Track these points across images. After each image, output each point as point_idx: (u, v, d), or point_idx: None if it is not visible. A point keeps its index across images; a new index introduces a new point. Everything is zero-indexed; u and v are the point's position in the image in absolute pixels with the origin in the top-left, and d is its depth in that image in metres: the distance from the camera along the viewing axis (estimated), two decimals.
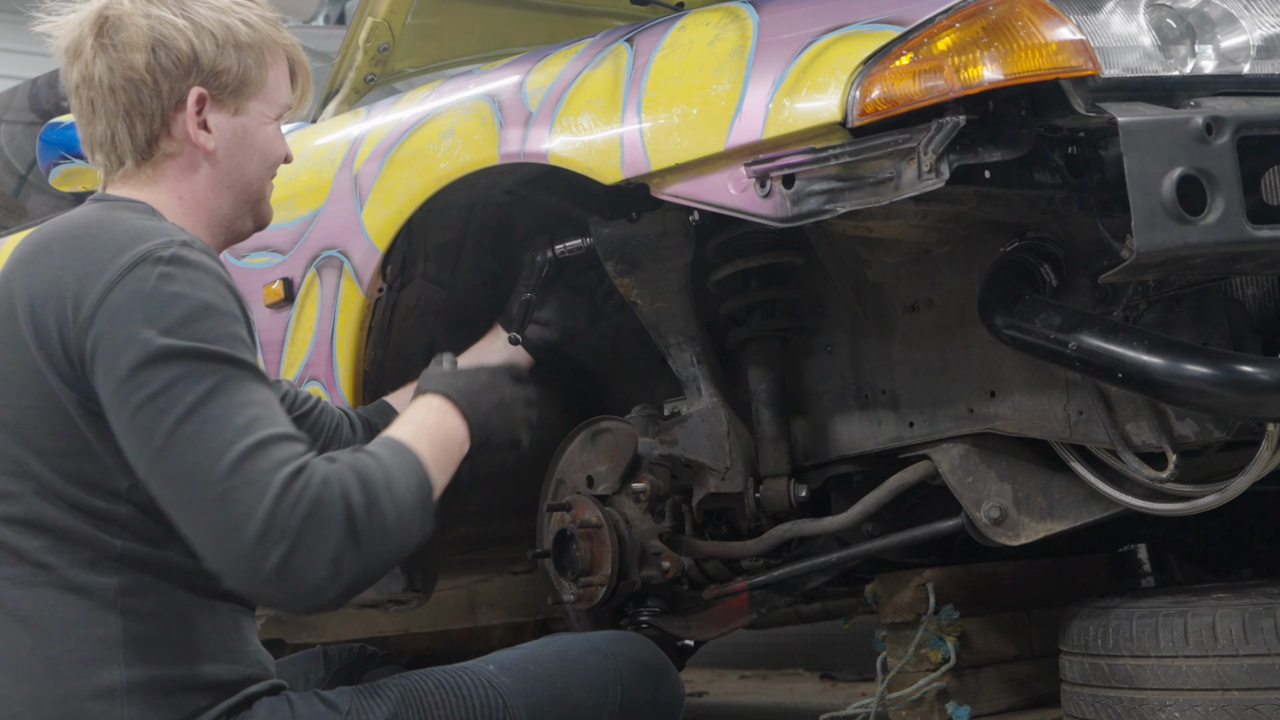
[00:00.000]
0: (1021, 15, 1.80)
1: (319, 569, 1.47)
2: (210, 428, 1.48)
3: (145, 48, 1.70)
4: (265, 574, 1.45)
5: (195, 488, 1.47)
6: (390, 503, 1.54)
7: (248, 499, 1.45)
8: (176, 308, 1.52)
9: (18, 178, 3.99)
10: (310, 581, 1.47)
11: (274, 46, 1.80)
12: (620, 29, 2.28)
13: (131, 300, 1.52)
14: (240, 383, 1.51)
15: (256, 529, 1.45)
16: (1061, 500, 2.16)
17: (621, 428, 2.40)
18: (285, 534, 1.45)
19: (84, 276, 1.55)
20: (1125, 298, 1.99)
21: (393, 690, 1.71)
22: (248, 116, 1.77)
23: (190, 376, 1.49)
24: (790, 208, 1.90)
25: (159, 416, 1.48)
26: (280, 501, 1.46)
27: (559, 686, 1.77)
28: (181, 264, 1.55)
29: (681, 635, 2.43)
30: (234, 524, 1.45)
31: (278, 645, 3.49)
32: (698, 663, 4.63)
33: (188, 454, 1.47)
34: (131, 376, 1.49)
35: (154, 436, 1.48)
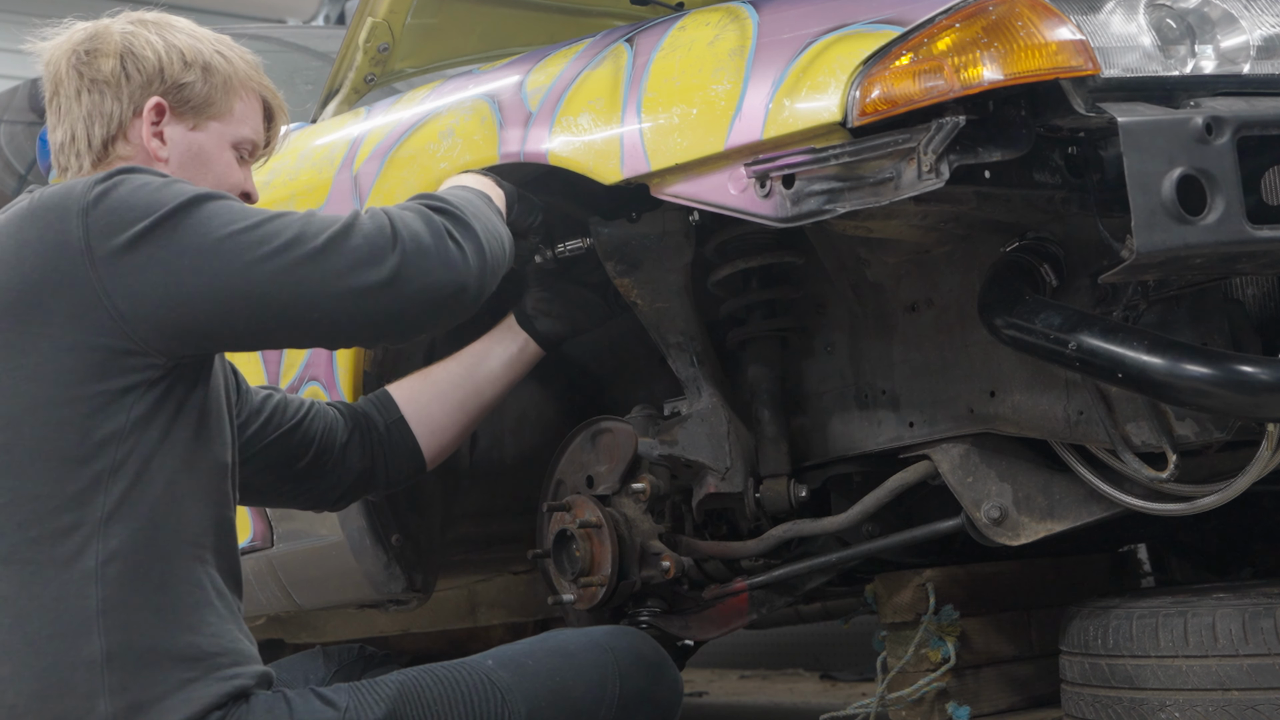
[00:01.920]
0: (1021, 15, 1.80)
1: (440, 248, 1.69)
2: (266, 228, 1.64)
3: (114, 55, 1.79)
4: (404, 279, 1.66)
5: (300, 276, 1.63)
6: (463, 200, 1.80)
7: (339, 242, 1.65)
8: (147, 190, 1.64)
9: (18, 178, 3.99)
10: (448, 259, 1.69)
11: (247, 83, 1.88)
12: (620, 29, 2.29)
13: (109, 212, 1.62)
14: (229, 201, 1.68)
15: (364, 251, 1.65)
16: (1061, 500, 2.16)
17: (621, 428, 2.40)
18: (388, 240, 1.67)
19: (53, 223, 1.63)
20: (1125, 298, 1.99)
21: (391, 686, 1.71)
22: (205, 134, 1.83)
23: (211, 216, 1.64)
24: (790, 208, 1.90)
25: (224, 256, 1.63)
26: (362, 225, 1.67)
27: (558, 681, 1.78)
28: (125, 173, 1.67)
29: (681, 635, 2.43)
30: (346, 269, 1.65)
31: (278, 645, 3.49)
32: (698, 663, 4.64)
33: (274, 260, 1.63)
34: (168, 252, 1.61)
35: (232, 267, 1.62)
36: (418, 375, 2.30)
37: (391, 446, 2.18)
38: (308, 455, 2.08)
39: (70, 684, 1.56)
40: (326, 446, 2.11)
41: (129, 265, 1.61)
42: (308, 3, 6.00)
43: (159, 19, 1.86)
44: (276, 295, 1.63)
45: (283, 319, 1.67)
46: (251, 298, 1.63)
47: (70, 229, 1.62)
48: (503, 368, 2.34)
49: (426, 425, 2.20)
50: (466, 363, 2.32)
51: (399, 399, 2.23)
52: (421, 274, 1.66)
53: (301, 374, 2.53)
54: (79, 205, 1.63)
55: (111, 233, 1.61)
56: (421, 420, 2.20)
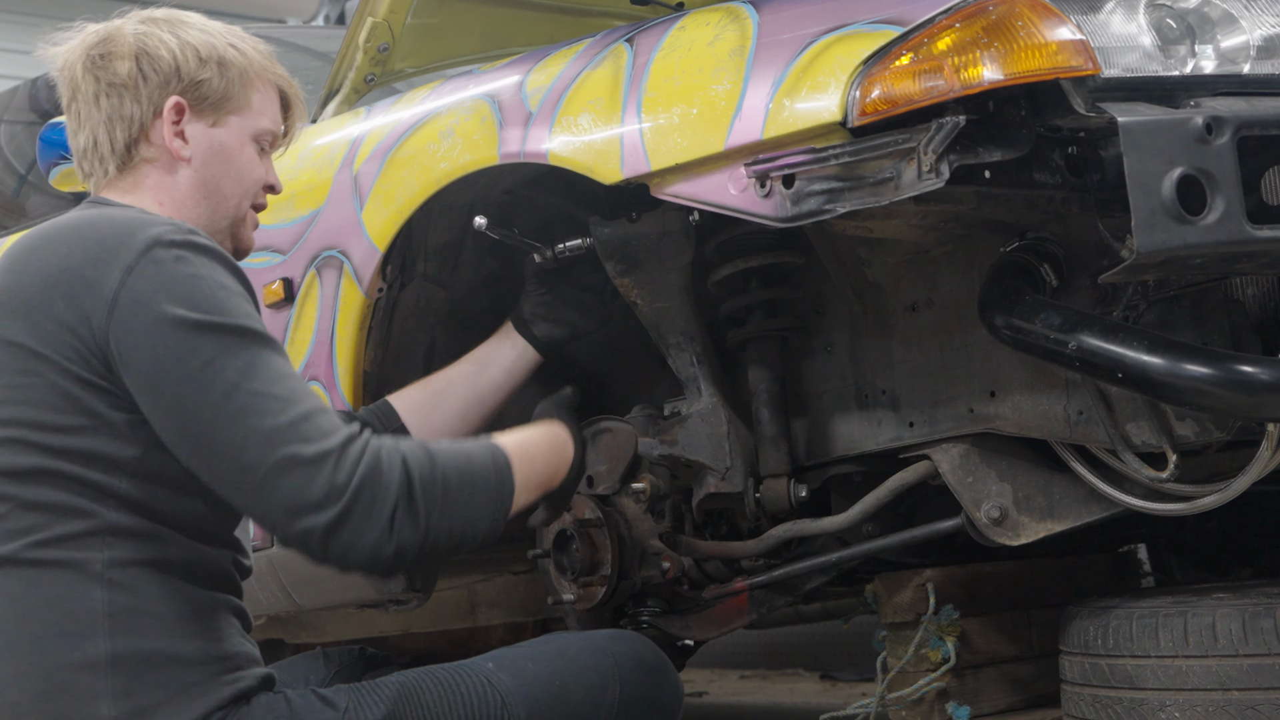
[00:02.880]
0: (1021, 15, 1.80)
1: (376, 526, 1.55)
2: (257, 402, 1.55)
3: (130, 56, 1.78)
4: (323, 531, 1.54)
5: (249, 460, 1.54)
6: (458, 481, 1.62)
7: (304, 467, 1.53)
8: (198, 287, 1.59)
9: (18, 178, 3.99)
10: (369, 537, 1.55)
11: (263, 74, 1.86)
12: (620, 29, 2.28)
13: (153, 283, 1.58)
14: (270, 356, 1.59)
15: (318, 492, 1.53)
16: (1061, 500, 2.16)
17: (621, 428, 2.40)
18: (342, 494, 1.53)
19: (96, 262, 1.59)
20: (1125, 298, 1.99)
21: (390, 688, 1.71)
22: (226, 130, 1.82)
23: (227, 352, 1.56)
24: (790, 208, 1.90)
25: (202, 393, 1.55)
26: (338, 466, 1.54)
27: (558, 684, 1.78)
28: (193, 248, 1.62)
29: (681, 635, 2.43)
30: (293, 490, 1.53)
31: (278, 645, 3.49)
32: (698, 663, 4.64)
33: (238, 429, 1.54)
34: (167, 356, 1.55)
35: (200, 413, 1.55)
36: (418, 385, 2.29)
37: None
38: None
39: (73, 685, 1.55)
40: None
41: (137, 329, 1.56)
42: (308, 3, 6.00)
43: (170, 16, 1.85)
44: (212, 460, 1.56)
45: (203, 470, 1.58)
46: (193, 442, 1.56)
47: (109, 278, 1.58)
48: (503, 375, 2.34)
49: (428, 435, 2.18)
50: (467, 371, 2.32)
51: (400, 409, 2.22)
52: (336, 536, 1.54)
53: (301, 373, 2.53)
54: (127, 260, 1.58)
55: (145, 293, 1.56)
56: (423, 430, 2.20)
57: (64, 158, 2.98)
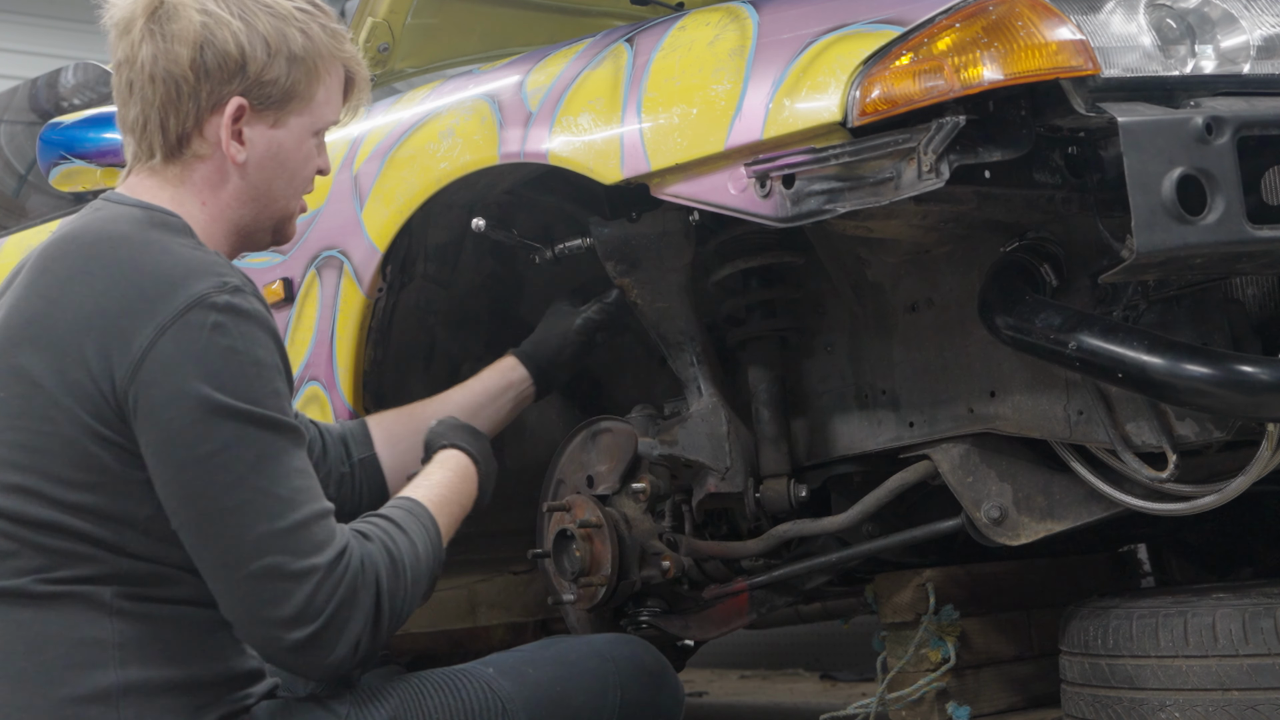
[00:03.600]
0: (1021, 15, 1.80)
1: (341, 649, 1.55)
2: (258, 500, 1.51)
3: (194, 44, 1.64)
4: (287, 647, 1.53)
5: (235, 557, 1.52)
6: (411, 584, 1.63)
7: (286, 581, 1.51)
8: (230, 365, 1.52)
9: (18, 178, 3.99)
10: (330, 659, 1.55)
11: (330, 60, 1.74)
12: (620, 29, 2.29)
13: (184, 351, 1.51)
14: (285, 450, 1.54)
15: (292, 610, 1.52)
16: (1061, 500, 2.16)
17: (621, 428, 2.40)
18: (316, 618, 1.52)
19: (132, 312, 1.52)
20: (1125, 298, 1.99)
21: (391, 694, 1.70)
22: (286, 131, 1.71)
23: (241, 442, 1.51)
24: (790, 208, 1.90)
25: (206, 479, 1.51)
26: (319, 589, 1.52)
27: (559, 690, 1.77)
28: (234, 314, 1.54)
29: (681, 635, 2.43)
30: (269, 600, 1.51)
31: None
32: (698, 663, 4.63)
33: (231, 523, 1.51)
34: (181, 432, 1.50)
35: (199, 499, 1.51)
36: (404, 412, 2.15)
37: (357, 483, 2.05)
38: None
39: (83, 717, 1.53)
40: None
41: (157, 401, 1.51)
42: None
43: None
44: (204, 552, 1.54)
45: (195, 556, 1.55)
46: (195, 532, 1.54)
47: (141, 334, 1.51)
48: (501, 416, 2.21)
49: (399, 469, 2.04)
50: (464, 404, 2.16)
51: (376, 436, 2.09)
52: (314, 650, 1.55)
53: (301, 374, 2.53)
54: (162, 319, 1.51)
55: (175, 363, 1.50)
56: (394, 462, 2.06)
57: (64, 157, 2.98)
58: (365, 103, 1.85)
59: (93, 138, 3.05)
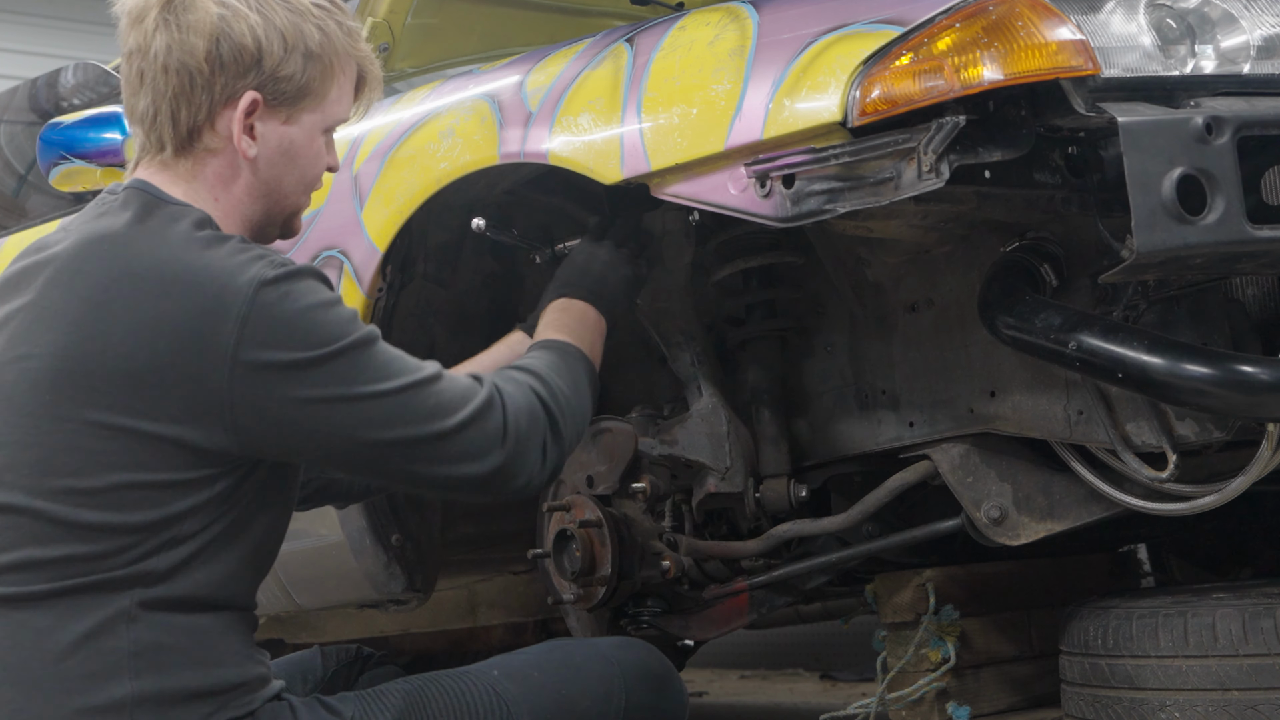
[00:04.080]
0: (1021, 15, 1.80)
1: (532, 462, 1.68)
2: (396, 402, 1.60)
3: (209, 35, 1.63)
4: (491, 478, 1.65)
5: (413, 453, 1.62)
6: (573, 392, 1.78)
7: (460, 433, 1.62)
8: (309, 321, 1.57)
9: (18, 178, 3.99)
10: (526, 472, 1.68)
11: (345, 58, 1.73)
12: (620, 29, 2.29)
13: (268, 329, 1.54)
14: (379, 349, 1.62)
15: (481, 448, 1.64)
16: (1061, 500, 2.16)
17: (621, 428, 2.40)
18: (500, 442, 1.65)
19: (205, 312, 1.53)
20: (1125, 298, 1.99)
21: (396, 696, 1.70)
22: (298, 128, 1.71)
23: (352, 373, 1.58)
24: (790, 208, 1.90)
25: (347, 420, 1.58)
26: (488, 419, 1.64)
27: (564, 693, 1.77)
28: (290, 278, 1.58)
29: (681, 635, 2.43)
30: (458, 455, 1.63)
31: (278, 645, 3.49)
32: (698, 663, 4.63)
33: (394, 435, 1.60)
34: (302, 398, 1.56)
35: (351, 437, 1.59)
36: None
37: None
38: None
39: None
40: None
41: (268, 385, 1.55)
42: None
43: None
44: (383, 463, 1.64)
45: (375, 475, 1.71)
46: (359, 458, 1.63)
47: (223, 331, 1.53)
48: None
49: None
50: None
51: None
52: (510, 476, 1.67)
53: None
54: (238, 309, 1.53)
55: (265, 347, 1.54)
56: None
57: (64, 157, 2.98)
58: (376, 101, 1.85)
59: (93, 138, 3.05)
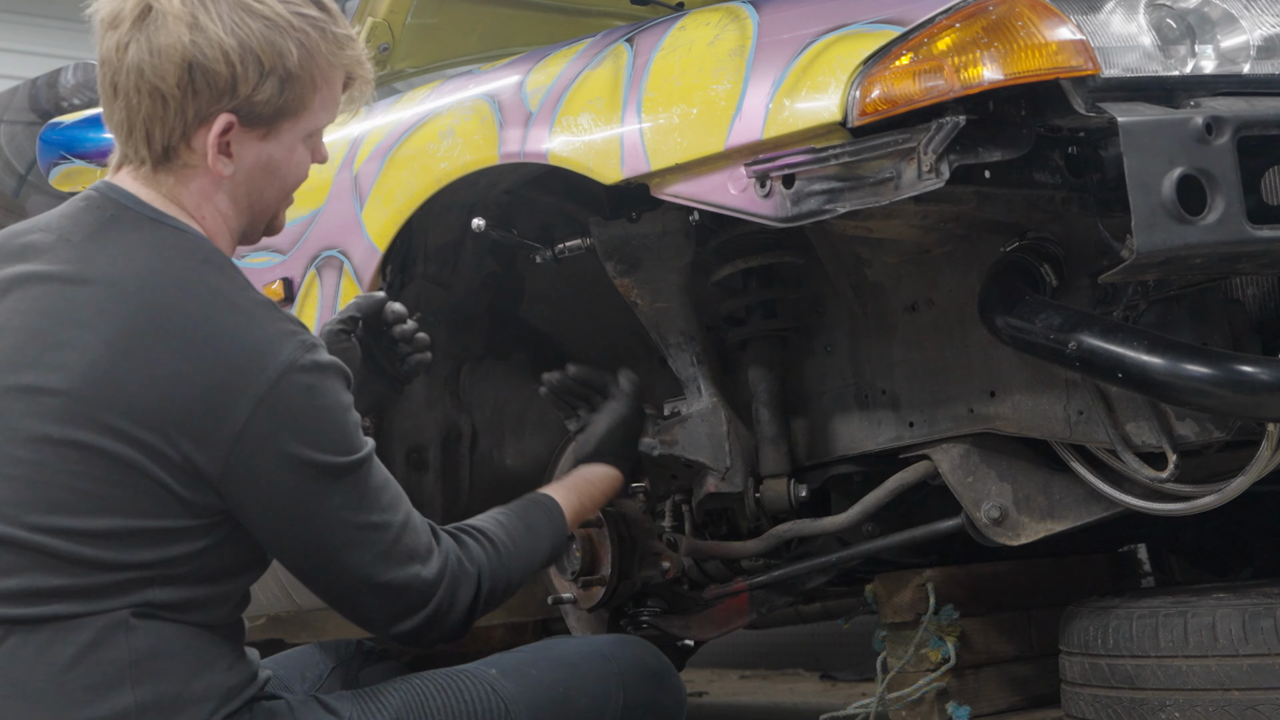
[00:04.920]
0: (1021, 15, 1.80)
1: (451, 626, 1.69)
2: (366, 533, 1.61)
3: (180, 63, 1.57)
4: (399, 636, 1.67)
5: (344, 584, 1.63)
6: (522, 567, 1.79)
7: (394, 591, 1.63)
8: (326, 423, 1.57)
9: (18, 178, 3.99)
10: (442, 633, 1.69)
11: (329, 69, 1.66)
12: (620, 29, 2.29)
13: (284, 420, 1.54)
14: (374, 471, 1.62)
15: (401, 611, 1.65)
16: (1061, 500, 2.16)
17: None
18: (420, 609, 1.66)
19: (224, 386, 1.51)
20: (1125, 298, 1.99)
21: (394, 695, 1.70)
22: (276, 143, 1.65)
23: (345, 489, 1.58)
24: (790, 208, 1.90)
25: (319, 528, 1.59)
26: (424, 591, 1.65)
27: (561, 691, 1.77)
28: (319, 371, 1.56)
29: (681, 635, 2.43)
30: (379, 606, 1.65)
31: (278, 645, 3.49)
32: (698, 663, 4.63)
33: (339, 558, 1.61)
34: (289, 494, 1.56)
35: (311, 542, 1.60)
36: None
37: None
38: None
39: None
40: None
41: (267, 464, 1.54)
42: None
43: None
44: (317, 570, 1.64)
45: (302, 571, 1.65)
46: (304, 558, 1.63)
47: (239, 406, 1.51)
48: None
49: None
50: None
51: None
52: (410, 638, 1.68)
53: None
54: (260, 389, 1.52)
55: (279, 430, 1.53)
56: None
57: (64, 157, 2.99)
58: (366, 98, 1.79)
59: (93, 138, 3.06)
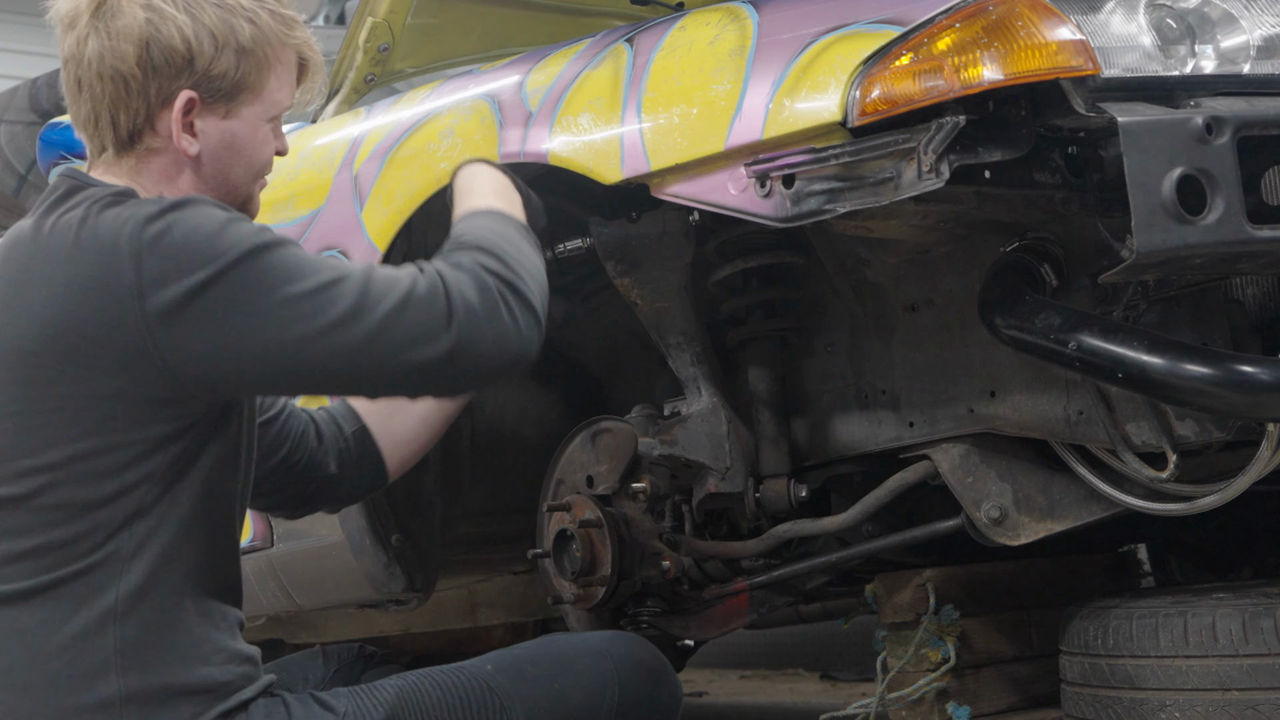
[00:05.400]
0: (1021, 15, 1.80)
1: (501, 333, 1.61)
2: (318, 301, 1.56)
3: (139, 41, 1.64)
4: (462, 359, 1.58)
5: (359, 339, 1.56)
6: (512, 250, 1.69)
7: (395, 319, 1.56)
8: (201, 239, 1.55)
9: (18, 178, 3.99)
10: (500, 344, 1.61)
11: (281, 47, 1.72)
12: (620, 29, 2.29)
13: (164, 258, 1.54)
14: (287, 251, 1.59)
15: (424, 330, 1.57)
16: (1061, 500, 2.16)
17: (621, 428, 2.40)
18: (448, 320, 1.58)
19: (104, 262, 1.55)
20: (1125, 298, 1.99)
21: (390, 691, 1.70)
22: (239, 121, 1.71)
23: (265, 273, 1.55)
24: (790, 208, 1.90)
25: (274, 320, 1.55)
26: (425, 298, 1.58)
27: (557, 687, 1.77)
28: (175, 208, 1.57)
29: (681, 635, 2.43)
30: (401, 342, 1.57)
31: (278, 645, 3.49)
32: (698, 663, 4.63)
33: (328, 324, 1.56)
34: (218, 317, 1.54)
35: (286, 336, 1.55)
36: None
37: (355, 456, 2.08)
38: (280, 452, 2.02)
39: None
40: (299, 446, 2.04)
41: (181, 320, 1.54)
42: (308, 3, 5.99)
43: None
44: (327, 368, 1.59)
45: (331, 386, 1.64)
46: (303, 369, 1.58)
47: (122, 273, 1.54)
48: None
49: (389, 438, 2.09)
50: None
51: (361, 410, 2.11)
52: (475, 351, 1.60)
53: None
54: (131, 247, 1.54)
55: (165, 283, 1.53)
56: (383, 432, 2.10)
57: (64, 157, 2.99)
58: (321, 86, 1.85)
59: None
